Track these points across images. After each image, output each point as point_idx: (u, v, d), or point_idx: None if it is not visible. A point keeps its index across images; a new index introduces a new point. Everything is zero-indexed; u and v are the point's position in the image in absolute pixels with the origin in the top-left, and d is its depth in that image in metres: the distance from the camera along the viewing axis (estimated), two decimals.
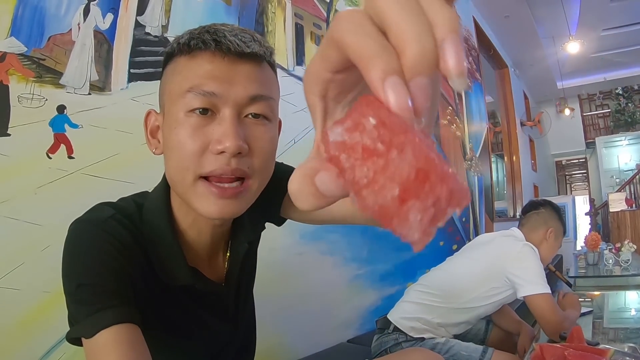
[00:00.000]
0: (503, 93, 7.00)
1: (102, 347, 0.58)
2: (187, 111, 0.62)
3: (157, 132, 0.70)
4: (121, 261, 0.64)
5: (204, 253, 0.78)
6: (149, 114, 0.72)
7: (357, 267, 2.29)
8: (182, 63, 0.64)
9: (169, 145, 0.65)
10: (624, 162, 10.34)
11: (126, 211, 0.70)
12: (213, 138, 0.62)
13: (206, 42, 0.62)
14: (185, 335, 0.77)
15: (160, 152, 0.69)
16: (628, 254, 3.42)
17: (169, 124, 0.64)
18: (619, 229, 7.00)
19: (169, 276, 0.70)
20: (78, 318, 0.61)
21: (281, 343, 1.67)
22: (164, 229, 0.71)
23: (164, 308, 0.72)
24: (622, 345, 1.23)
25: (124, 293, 0.62)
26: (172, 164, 0.65)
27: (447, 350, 1.56)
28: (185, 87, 0.62)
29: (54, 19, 1.16)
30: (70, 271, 0.64)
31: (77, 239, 0.66)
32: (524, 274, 1.61)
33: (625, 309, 2.21)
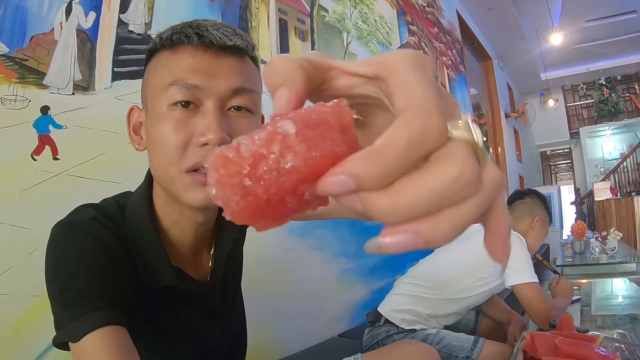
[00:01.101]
0: (487, 85, 7.06)
1: (89, 350, 0.57)
2: (170, 104, 0.62)
3: (140, 128, 0.70)
4: (105, 263, 0.63)
5: (188, 252, 0.77)
6: (131, 110, 0.71)
7: (346, 262, 2.30)
8: (165, 57, 0.65)
9: (152, 139, 0.65)
10: (608, 152, 10.48)
11: (108, 212, 0.69)
12: (196, 131, 0.62)
13: (189, 35, 0.62)
14: (172, 335, 0.76)
15: (144, 148, 0.69)
16: (614, 242, 3.48)
17: (152, 119, 0.64)
18: (604, 217, 7.09)
19: (152, 277, 0.70)
20: (63, 322, 0.60)
21: (273, 339, 1.67)
22: (146, 228, 0.70)
23: (150, 308, 0.71)
24: (611, 332, 1.25)
25: (109, 295, 0.62)
26: (157, 159, 0.65)
27: (439, 341, 1.58)
28: (168, 80, 0.62)
29: (36, 19, 1.14)
30: (54, 275, 0.63)
31: (59, 242, 0.65)
32: (511, 264, 1.62)
33: (612, 296, 2.24)
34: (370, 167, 0.20)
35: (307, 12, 2.26)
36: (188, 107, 0.63)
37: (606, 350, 1.05)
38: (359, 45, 2.71)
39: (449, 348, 1.55)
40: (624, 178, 8.83)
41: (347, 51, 2.57)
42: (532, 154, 11.17)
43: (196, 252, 0.79)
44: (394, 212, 0.20)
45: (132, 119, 0.71)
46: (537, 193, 1.95)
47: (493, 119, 7.04)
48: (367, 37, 2.81)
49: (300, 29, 2.17)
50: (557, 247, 5.13)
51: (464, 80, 5.06)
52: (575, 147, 11.37)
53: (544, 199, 1.93)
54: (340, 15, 2.54)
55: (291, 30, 2.10)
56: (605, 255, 3.42)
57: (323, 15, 2.39)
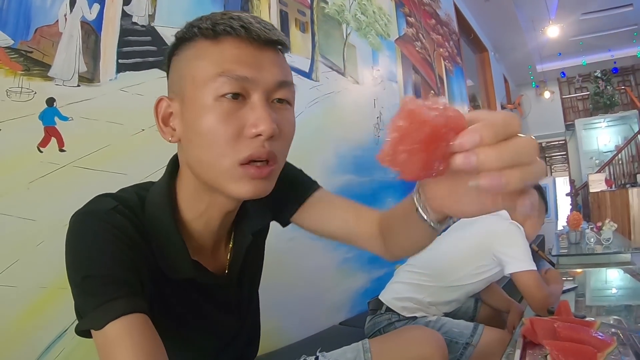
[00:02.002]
0: (483, 77, 7.08)
1: (113, 338, 0.57)
2: (218, 96, 0.62)
3: (169, 119, 0.69)
4: (126, 252, 0.64)
5: (208, 245, 0.78)
6: (160, 101, 0.69)
7: (346, 251, 2.32)
8: (205, 47, 0.64)
9: (197, 131, 0.63)
10: (603, 144, 10.53)
11: (128, 203, 0.69)
12: (247, 122, 0.62)
13: (235, 28, 0.62)
14: (189, 328, 0.77)
15: (177, 140, 0.68)
16: (609, 232, 3.50)
17: (195, 110, 0.63)
18: (599, 208, 7.14)
19: (171, 269, 0.70)
20: (86, 310, 0.60)
21: (276, 328, 1.69)
22: (166, 221, 0.70)
23: (167, 300, 0.72)
24: (607, 317, 1.27)
25: (132, 283, 0.62)
26: (204, 150, 0.64)
27: (440, 328, 1.60)
28: (213, 71, 0.62)
29: (40, 11, 1.14)
30: (75, 263, 0.63)
31: (81, 230, 0.65)
32: (510, 252, 1.65)
33: (606, 286, 2.27)
34: (486, 131, 0.37)
35: (307, 4, 2.26)
36: (237, 99, 0.62)
37: (603, 334, 1.07)
38: (358, 36, 2.72)
39: (449, 334, 1.57)
40: (619, 170, 8.88)
41: (347, 42, 2.58)
42: None
43: (215, 245, 0.80)
44: (496, 159, 0.37)
45: (161, 111, 0.69)
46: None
47: (489, 110, 7.04)
48: (366, 28, 2.81)
49: (300, 21, 2.17)
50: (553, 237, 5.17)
51: (461, 72, 5.07)
52: (570, 139, 11.41)
53: (541, 188, 1.95)
54: (340, 7, 2.55)
55: (292, 21, 2.11)
56: (600, 245, 3.45)
57: (323, 6, 2.40)
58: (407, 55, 3.45)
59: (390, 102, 3.06)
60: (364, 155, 2.62)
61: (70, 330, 1.11)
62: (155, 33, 1.41)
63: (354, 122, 2.59)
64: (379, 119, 2.87)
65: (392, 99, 3.11)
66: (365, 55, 2.79)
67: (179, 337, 0.75)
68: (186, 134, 0.66)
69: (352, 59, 2.63)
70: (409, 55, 3.48)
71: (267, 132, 0.61)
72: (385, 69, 3.05)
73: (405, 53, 3.41)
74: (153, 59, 1.39)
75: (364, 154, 2.62)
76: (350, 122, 2.56)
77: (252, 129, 0.62)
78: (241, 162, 0.62)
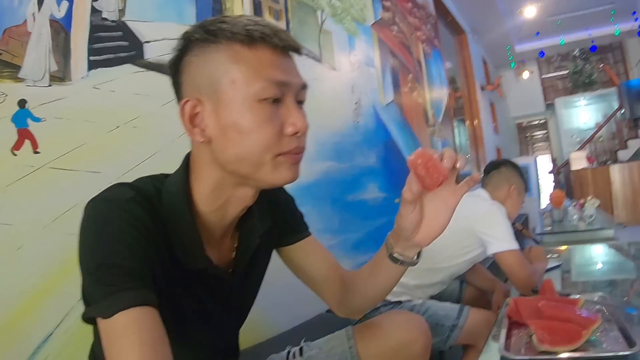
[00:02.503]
0: (462, 59, 7.11)
1: (120, 328, 0.59)
2: (260, 99, 0.68)
3: (196, 119, 0.71)
4: (142, 242, 0.65)
5: (218, 237, 0.81)
6: (186, 102, 0.70)
7: (330, 238, 2.32)
8: (241, 52, 0.68)
9: (239, 130, 0.68)
10: (583, 122, 10.68)
11: (145, 193, 0.71)
12: (286, 121, 0.70)
13: (268, 34, 0.68)
14: (189, 321, 0.80)
15: (207, 140, 0.71)
16: (592, 209, 3.56)
17: (236, 112, 0.68)
18: (581, 186, 7.25)
19: (186, 257, 0.74)
20: (96, 298, 0.62)
21: (263, 317, 1.68)
22: (183, 212, 0.73)
23: (174, 291, 0.74)
24: (592, 295, 1.29)
25: (143, 275, 0.64)
26: (245, 148, 0.68)
27: (425, 311, 1.62)
28: (254, 76, 0.67)
29: (8, 11, 1.11)
30: (90, 250, 0.64)
31: (98, 217, 0.66)
32: (492, 232, 1.66)
33: (591, 262, 2.31)
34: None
35: None
36: (276, 101, 0.69)
37: (588, 312, 1.09)
38: (333, 22, 2.68)
39: (435, 317, 1.58)
40: (600, 147, 9.03)
41: (322, 29, 2.55)
42: (509, 125, 11.33)
43: (222, 239, 0.83)
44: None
45: (187, 111, 0.70)
46: (511, 162, 1.99)
47: (469, 92, 7.11)
48: (341, 14, 2.78)
49: (274, 9, 2.14)
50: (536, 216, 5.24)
51: (439, 55, 5.08)
52: (550, 118, 11.55)
53: (519, 167, 1.97)
54: None
55: (265, 10, 2.07)
56: (583, 222, 3.51)
57: None
58: (384, 39, 3.43)
59: (368, 88, 3.05)
60: (343, 141, 2.62)
61: (55, 334, 1.09)
62: (126, 28, 1.38)
63: (332, 109, 2.57)
64: (358, 104, 2.85)
65: (370, 84, 3.10)
66: (341, 41, 2.77)
67: (178, 331, 0.75)
68: (223, 133, 0.69)
69: (328, 46, 2.60)
70: (386, 40, 3.47)
71: (303, 129, 0.71)
72: (363, 54, 3.03)
73: (382, 37, 3.40)
74: (125, 54, 1.36)
75: (343, 139, 2.61)
76: (329, 108, 2.54)
77: (291, 128, 0.70)
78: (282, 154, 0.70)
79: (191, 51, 0.71)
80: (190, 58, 0.71)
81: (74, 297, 1.11)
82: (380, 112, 3.17)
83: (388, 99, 3.36)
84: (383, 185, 3.01)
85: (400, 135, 3.46)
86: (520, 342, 1.05)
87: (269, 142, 0.69)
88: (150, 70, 1.44)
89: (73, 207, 1.16)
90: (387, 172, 3.09)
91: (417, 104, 4.00)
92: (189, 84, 0.71)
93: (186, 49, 0.71)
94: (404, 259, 0.86)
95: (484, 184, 1.96)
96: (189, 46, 0.71)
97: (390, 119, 3.33)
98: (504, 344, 1.01)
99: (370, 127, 3.00)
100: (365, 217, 2.71)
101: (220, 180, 0.74)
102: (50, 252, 1.12)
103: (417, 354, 1.03)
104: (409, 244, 0.85)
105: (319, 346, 1.06)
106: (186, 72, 0.72)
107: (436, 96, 4.68)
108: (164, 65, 1.45)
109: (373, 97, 3.10)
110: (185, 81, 0.72)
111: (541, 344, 0.95)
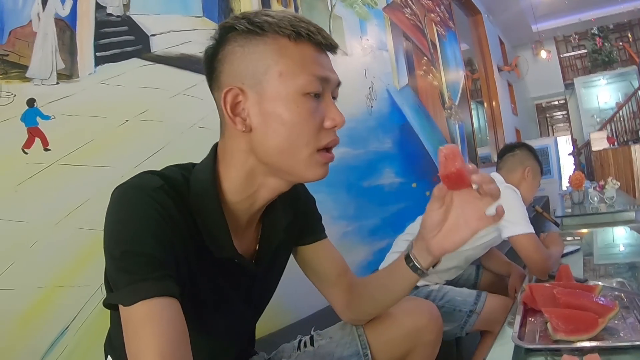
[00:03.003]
0: (478, 40, 6.98)
1: (140, 317, 0.60)
2: (305, 93, 0.70)
3: (236, 108, 0.71)
4: (168, 232, 0.66)
5: (242, 227, 0.81)
6: (228, 91, 0.71)
7: (345, 225, 2.31)
8: (287, 46, 0.70)
9: (282, 122, 0.69)
10: (603, 101, 10.45)
11: (174, 183, 0.71)
12: (326, 116, 0.72)
13: (313, 32, 0.70)
14: (210, 311, 0.80)
15: (248, 129, 0.71)
16: (612, 190, 3.49)
17: (281, 103, 0.69)
18: (602, 167, 7.12)
19: (215, 246, 0.74)
20: (119, 285, 0.62)
21: (279, 305, 1.69)
22: (212, 202, 0.73)
23: (198, 280, 0.74)
24: (610, 280, 1.26)
25: (168, 265, 0.64)
26: (287, 139, 0.70)
27: (442, 297, 1.60)
28: (300, 70, 0.69)
29: (13, 13, 1.12)
30: (117, 236, 0.64)
31: (126, 204, 0.67)
32: (507, 215, 1.62)
33: (613, 244, 2.26)
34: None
35: None
36: (317, 96, 0.72)
37: (605, 299, 1.05)
38: (344, 7, 2.65)
39: (453, 303, 1.57)
40: (621, 127, 8.81)
41: (332, 14, 2.52)
42: (528, 106, 11.13)
43: (246, 229, 0.83)
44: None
45: (229, 100, 0.71)
46: (526, 145, 1.96)
47: (486, 73, 6.99)
48: None
49: None
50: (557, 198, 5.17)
51: (454, 36, 4.99)
52: (570, 98, 11.32)
53: (533, 150, 1.93)
54: None
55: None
56: (604, 204, 3.45)
57: None
58: (397, 22, 3.38)
59: (381, 72, 3.00)
60: (358, 127, 2.60)
61: (71, 327, 1.12)
62: (131, 22, 1.38)
63: (345, 95, 2.50)
64: (371, 89, 2.81)
65: (384, 68, 3.06)
66: (352, 26, 2.73)
67: (198, 320, 0.76)
68: (266, 123, 0.71)
69: (339, 31, 2.57)
70: (399, 23, 3.42)
71: (341, 124, 0.74)
72: (375, 38, 2.99)
73: (395, 21, 3.35)
74: (131, 49, 1.36)
75: (357, 125, 2.59)
76: (342, 94, 2.48)
77: (329, 122, 0.73)
78: (318, 149, 0.72)
79: (235, 41, 0.71)
80: (234, 48, 0.71)
81: (88, 291, 1.14)
82: (394, 95, 3.13)
83: (402, 82, 3.32)
84: (399, 170, 2.98)
85: (415, 119, 3.41)
86: (535, 330, 1.03)
87: (311, 135, 0.71)
88: (158, 63, 1.44)
89: (85, 202, 1.18)
90: (403, 156, 3.06)
91: (432, 86, 3.94)
92: (230, 73, 0.72)
93: (227, 38, 0.72)
94: (416, 262, 0.88)
95: (498, 168, 1.93)
96: (231, 36, 0.71)
97: (405, 103, 3.28)
98: (518, 332, 0.99)
99: (385, 112, 2.96)
100: (381, 203, 2.70)
101: (253, 170, 0.75)
102: (64, 247, 1.13)
103: (429, 339, 1.02)
104: (424, 246, 0.85)
105: (329, 335, 1.06)
106: (228, 62, 0.72)
107: (452, 78, 4.60)
108: (171, 57, 1.48)
109: (387, 81, 3.06)
110: (226, 70, 0.72)
111: (556, 333, 0.93)
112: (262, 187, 0.77)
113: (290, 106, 0.69)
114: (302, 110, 0.69)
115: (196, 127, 1.50)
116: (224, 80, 0.72)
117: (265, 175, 0.75)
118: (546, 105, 12.65)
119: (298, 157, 0.71)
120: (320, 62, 0.72)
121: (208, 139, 0.82)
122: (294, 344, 1.07)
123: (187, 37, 1.54)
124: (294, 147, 0.71)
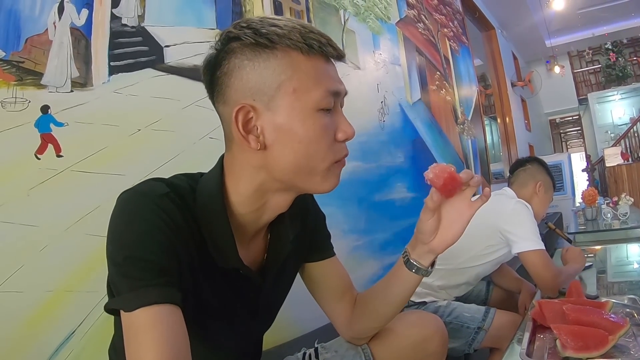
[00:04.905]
0: (492, 55, 6.97)
1: (141, 323, 0.59)
2: (319, 109, 0.69)
3: (249, 125, 0.69)
4: (172, 239, 0.65)
5: (248, 238, 0.81)
6: (240, 109, 0.68)
7: (356, 238, 2.30)
8: (299, 60, 0.69)
9: (298, 139, 0.69)
10: (617, 117, 10.34)
11: (180, 191, 0.71)
12: (337, 128, 0.73)
13: (324, 44, 0.70)
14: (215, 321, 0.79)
15: (262, 147, 0.69)
16: (626, 207, 3.44)
17: (296, 120, 0.68)
18: (616, 183, 7.04)
19: (219, 256, 0.73)
20: (121, 290, 0.62)
21: (288, 318, 1.67)
22: (218, 212, 0.73)
23: (202, 290, 0.74)
24: (622, 297, 1.24)
25: (170, 272, 0.64)
26: (304, 156, 0.69)
27: (450, 313, 1.59)
28: (315, 85, 0.69)
29: (29, 21, 1.14)
30: (120, 241, 0.64)
31: (131, 209, 0.66)
32: (517, 231, 1.62)
33: (627, 262, 2.23)
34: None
35: None
36: (329, 110, 0.71)
37: (616, 316, 1.04)
38: (356, 21, 2.66)
39: (460, 319, 1.55)
40: (635, 143, 8.70)
41: (345, 28, 2.53)
42: (541, 122, 11.06)
43: (252, 240, 0.82)
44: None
45: (240, 119, 0.68)
46: (538, 159, 1.95)
47: (499, 89, 6.97)
48: (364, 12, 2.76)
49: (295, 9, 2.14)
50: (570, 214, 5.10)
51: (467, 51, 4.99)
52: (584, 114, 11.23)
53: (545, 164, 1.92)
54: None
55: (286, 11, 2.07)
56: (618, 221, 3.40)
57: None
58: (410, 37, 3.39)
59: (394, 86, 3.00)
60: (370, 141, 2.59)
61: (78, 331, 1.12)
62: (145, 33, 1.40)
63: (357, 109, 2.54)
64: (383, 103, 2.82)
65: (396, 82, 3.06)
66: (365, 40, 2.74)
67: (201, 330, 0.76)
68: (281, 141, 0.69)
69: (352, 45, 2.58)
70: (412, 38, 3.43)
71: (352, 136, 0.74)
72: (388, 52, 3.00)
73: (408, 35, 3.36)
74: (145, 59, 1.38)
75: (369, 139, 2.58)
76: (354, 108, 2.51)
77: (342, 135, 0.73)
78: (334, 162, 0.73)
79: (242, 54, 0.68)
80: (242, 61, 0.68)
81: (95, 297, 1.14)
82: (407, 110, 3.13)
83: (415, 97, 3.31)
84: (411, 185, 2.96)
85: (428, 134, 3.40)
86: (544, 347, 1.01)
87: (326, 150, 0.71)
88: (171, 74, 1.46)
89: (95, 209, 1.18)
90: (415, 171, 3.04)
91: (445, 101, 3.94)
92: (239, 89, 0.69)
93: (232, 50, 0.69)
94: (419, 265, 0.88)
95: (510, 183, 1.92)
96: (237, 47, 0.69)
97: (418, 118, 3.28)
98: (526, 349, 0.98)
99: (397, 126, 2.96)
100: (392, 218, 2.68)
101: (264, 185, 0.74)
102: (73, 253, 1.14)
103: (434, 351, 1.01)
104: (425, 249, 0.86)
105: (334, 348, 1.04)
106: (236, 77, 0.69)
107: (465, 93, 4.58)
108: (185, 68, 1.50)
109: (399, 96, 3.06)
110: (234, 85, 0.69)
111: (564, 350, 0.92)
112: (270, 201, 0.77)
113: (305, 123, 0.68)
114: (317, 126, 0.69)
115: (207, 138, 1.51)
116: (232, 96, 0.70)
117: (276, 192, 0.75)
118: (560, 121, 12.56)
119: (315, 172, 0.71)
120: (331, 75, 0.72)
121: (219, 151, 0.82)
122: (299, 357, 1.07)
123: (201, 49, 1.55)
124: (312, 164, 0.70)
